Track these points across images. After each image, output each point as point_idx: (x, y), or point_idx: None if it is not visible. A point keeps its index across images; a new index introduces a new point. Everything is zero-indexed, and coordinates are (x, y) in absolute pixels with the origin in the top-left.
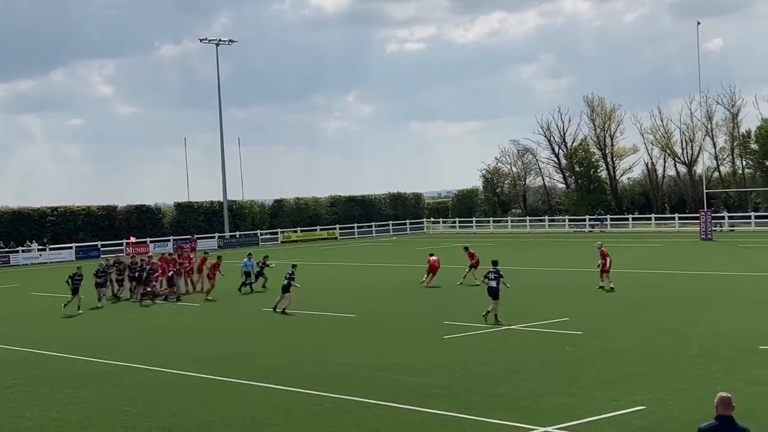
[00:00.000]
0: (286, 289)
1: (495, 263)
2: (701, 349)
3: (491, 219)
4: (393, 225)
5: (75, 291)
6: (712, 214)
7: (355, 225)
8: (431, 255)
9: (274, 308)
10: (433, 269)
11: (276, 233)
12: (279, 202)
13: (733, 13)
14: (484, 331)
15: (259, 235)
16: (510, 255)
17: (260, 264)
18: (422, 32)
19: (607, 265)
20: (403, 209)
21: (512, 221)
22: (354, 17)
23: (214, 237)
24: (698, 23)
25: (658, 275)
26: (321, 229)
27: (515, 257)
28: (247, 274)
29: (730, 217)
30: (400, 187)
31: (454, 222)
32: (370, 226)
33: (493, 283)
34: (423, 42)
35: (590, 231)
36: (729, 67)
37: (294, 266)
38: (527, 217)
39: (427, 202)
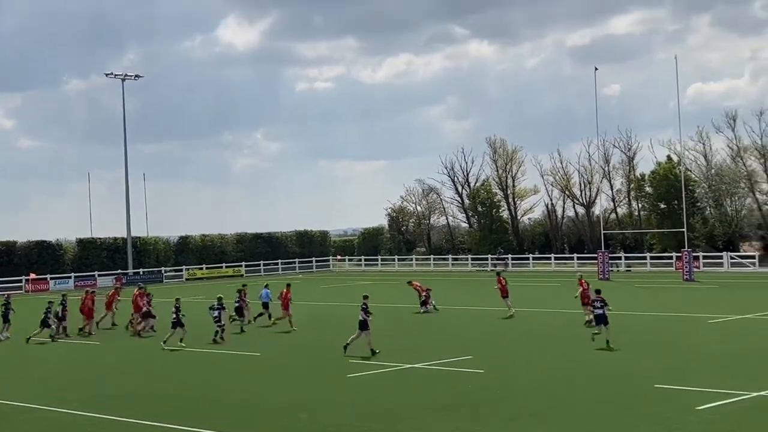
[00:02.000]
0: (364, 326)
1: (365, 297)
2: (600, 387)
3: (396, 257)
4: (299, 262)
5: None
6: (609, 255)
7: (261, 262)
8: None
9: (345, 345)
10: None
11: (181, 270)
12: (184, 239)
13: (631, 60)
14: (388, 369)
15: (163, 272)
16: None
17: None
18: (331, 72)
19: (586, 291)
20: (309, 247)
21: (417, 259)
22: (264, 55)
23: (116, 274)
24: (596, 69)
25: (558, 314)
26: (227, 266)
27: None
28: (265, 305)
29: (626, 258)
30: (308, 224)
31: (360, 260)
32: (277, 264)
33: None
34: (332, 81)
35: (492, 270)
36: (626, 111)
37: (366, 297)
38: (431, 256)
39: (333, 239)
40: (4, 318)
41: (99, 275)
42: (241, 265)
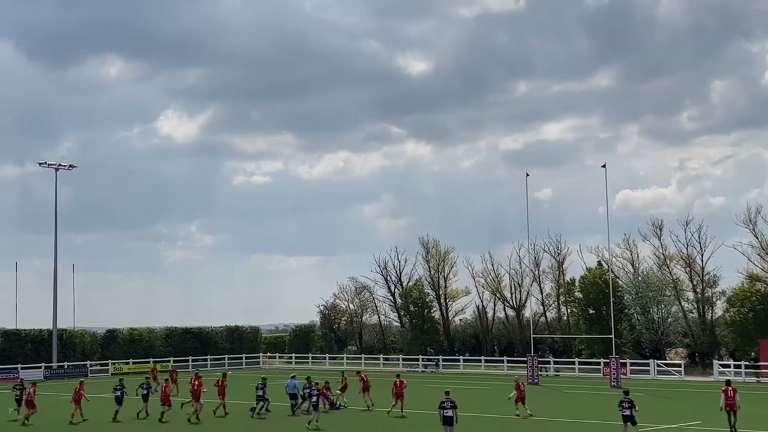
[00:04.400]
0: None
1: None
2: None
3: (327, 355)
4: (229, 359)
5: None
6: (539, 359)
7: (190, 358)
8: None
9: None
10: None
11: (107, 364)
12: (112, 332)
13: (562, 165)
14: None
15: (88, 365)
16: (347, 396)
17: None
18: (269, 166)
19: (522, 394)
20: (239, 343)
21: (348, 358)
22: (202, 148)
23: (40, 367)
24: (527, 175)
25: (487, 419)
26: (154, 362)
27: (350, 396)
28: (292, 396)
29: (555, 362)
30: (239, 319)
31: (291, 357)
32: (206, 359)
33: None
34: (269, 176)
35: (423, 371)
36: (557, 216)
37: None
38: (362, 355)
39: (264, 335)
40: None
41: (22, 368)
42: (169, 360)
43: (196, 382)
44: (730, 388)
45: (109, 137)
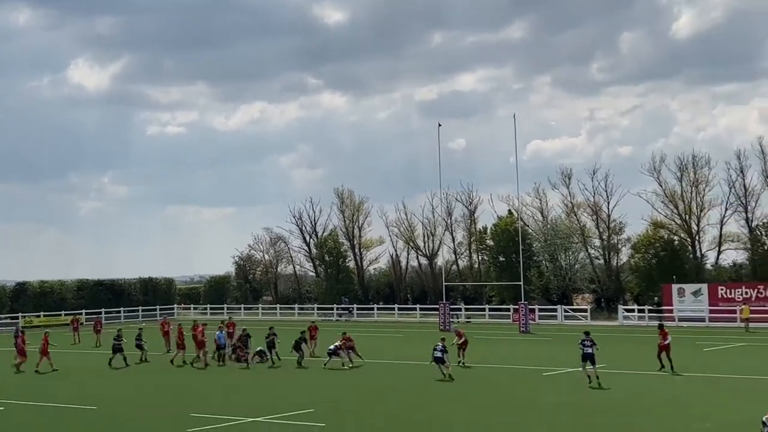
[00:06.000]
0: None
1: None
2: None
3: (242, 306)
4: (143, 310)
5: None
6: (450, 306)
7: (103, 310)
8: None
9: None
10: None
11: (17, 318)
12: (22, 285)
13: (475, 116)
14: (229, 423)
15: None
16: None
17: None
18: (184, 117)
19: (462, 342)
20: (153, 294)
21: (263, 308)
22: (115, 98)
23: None
24: (439, 125)
25: (399, 365)
26: (66, 314)
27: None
28: (219, 346)
29: (466, 309)
30: (155, 271)
31: (206, 308)
32: (119, 312)
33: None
34: (184, 127)
35: (337, 320)
36: (469, 166)
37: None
38: (278, 305)
39: (179, 287)
40: None
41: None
42: (81, 313)
43: (200, 330)
44: (664, 332)
45: (19, 87)
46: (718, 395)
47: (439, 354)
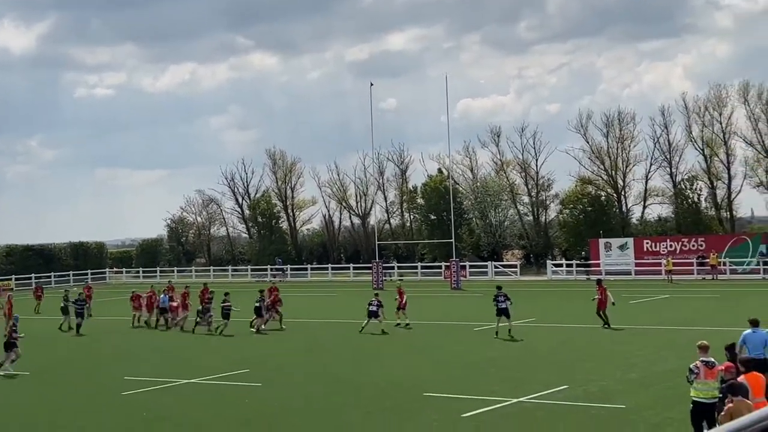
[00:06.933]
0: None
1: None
2: (370, 398)
3: (175, 269)
4: (74, 275)
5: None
6: (383, 265)
7: (33, 275)
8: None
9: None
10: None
11: None
12: None
13: (406, 75)
14: (163, 386)
15: None
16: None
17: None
18: (112, 79)
19: (403, 302)
20: (84, 259)
21: (196, 271)
22: (41, 60)
23: None
24: (371, 84)
25: (333, 324)
26: None
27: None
28: (162, 310)
29: (399, 267)
30: (85, 235)
31: (138, 272)
32: (50, 276)
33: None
34: (113, 88)
35: (271, 280)
36: (401, 125)
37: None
38: (211, 267)
39: (111, 251)
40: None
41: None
42: (10, 278)
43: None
44: (601, 288)
45: None
46: (644, 346)
47: (374, 308)
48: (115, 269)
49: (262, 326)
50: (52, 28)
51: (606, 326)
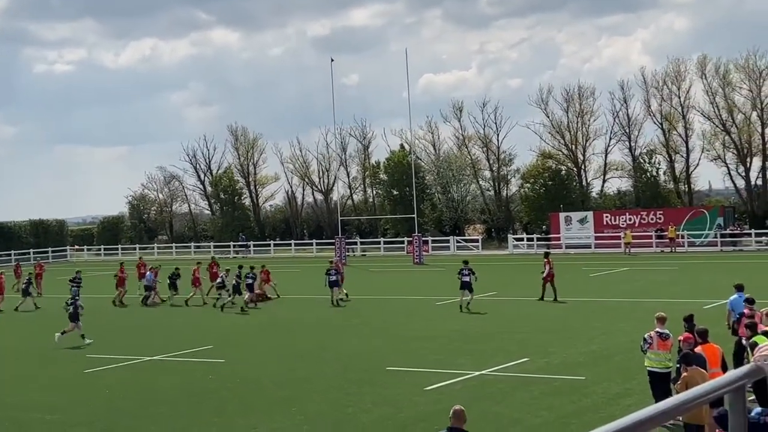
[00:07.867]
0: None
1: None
2: (333, 372)
3: (137, 246)
4: (34, 253)
5: None
6: (346, 240)
7: (12, 252)
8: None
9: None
10: None
11: None
12: None
13: (368, 51)
14: (126, 363)
15: None
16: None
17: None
18: (72, 54)
19: (341, 279)
20: (45, 237)
21: (159, 248)
22: None
23: None
24: (332, 60)
25: (296, 300)
26: None
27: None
28: (147, 287)
29: (362, 243)
30: (46, 213)
31: (100, 249)
32: (9, 255)
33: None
34: (73, 64)
35: (234, 257)
36: (363, 101)
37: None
38: (173, 244)
39: (71, 229)
40: None
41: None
42: None
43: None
44: (549, 260)
45: None
46: (604, 319)
47: (333, 278)
48: (76, 247)
49: (250, 303)
50: (11, 2)
51: (542, 299)
